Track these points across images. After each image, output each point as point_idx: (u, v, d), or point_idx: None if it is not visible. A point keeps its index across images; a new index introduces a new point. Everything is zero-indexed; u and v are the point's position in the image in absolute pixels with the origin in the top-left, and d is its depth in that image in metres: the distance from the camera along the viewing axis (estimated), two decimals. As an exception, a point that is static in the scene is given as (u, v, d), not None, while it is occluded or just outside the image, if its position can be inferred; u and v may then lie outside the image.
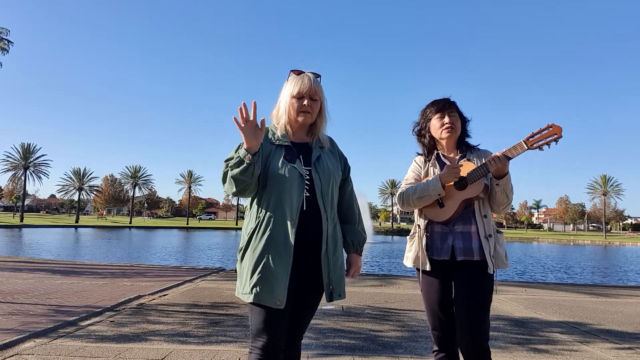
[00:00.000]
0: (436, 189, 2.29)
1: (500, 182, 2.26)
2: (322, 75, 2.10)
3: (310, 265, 1.97)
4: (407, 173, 2.58)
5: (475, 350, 2.21)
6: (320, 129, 2.11)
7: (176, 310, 5.49)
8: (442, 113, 2.42)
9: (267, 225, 1.92)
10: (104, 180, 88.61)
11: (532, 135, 2.23)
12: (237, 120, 1.83)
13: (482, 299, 2.25)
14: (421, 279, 2.45)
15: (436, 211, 2.39)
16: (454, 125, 2.41)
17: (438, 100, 2.48)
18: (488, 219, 2.34)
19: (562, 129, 2.19)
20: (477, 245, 2.30)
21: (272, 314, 1.87)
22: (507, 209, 2.38)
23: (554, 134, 2.20)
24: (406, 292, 7.71)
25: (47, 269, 10.01)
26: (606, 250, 41.37)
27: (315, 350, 3.89)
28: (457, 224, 2.34)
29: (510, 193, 2.32)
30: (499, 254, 2.33)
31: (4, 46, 39.09)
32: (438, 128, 2.44)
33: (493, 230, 2.34)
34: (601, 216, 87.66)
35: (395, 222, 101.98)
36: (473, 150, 2.49)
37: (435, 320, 2.39)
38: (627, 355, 4.09)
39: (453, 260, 2.32)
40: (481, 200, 2.35)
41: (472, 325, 2.22)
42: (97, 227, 58.56)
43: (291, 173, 1.94)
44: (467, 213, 2.34)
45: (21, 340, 3.86)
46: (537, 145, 2.22)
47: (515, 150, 2.25)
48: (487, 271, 2.26)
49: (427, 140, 2.52)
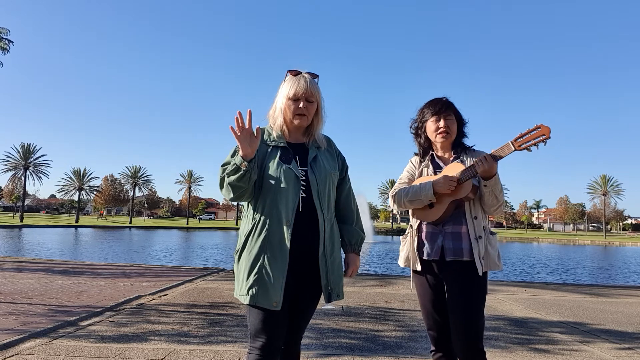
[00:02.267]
0: (427, 195, 2.29)
1: (488, 184, 2.24)
2: (320, 75, 2.09)
3: (308, 266, 1.97)
4: (402, 173, 2.59)
5: (470, 351, 2.20)
6: (316, 130, 2.10)
7: (176, 310, 5.49)
8: (438, 116, 2.41)
9: (262, 226, 1.92)
10: (104, 180, 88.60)
11: (520, 135, 2.19)
12: (233, 129, 1.84)
13: (473, 300, 2.24)
14: (413, 279, 2.47)
15: (426, 212, 2.38)
16: (449, 129, 2.40)
17: (435, 101, 2.46)
18: (479, 220, 2.32)
19: (551, 129, 2.14)
20: (467, 245, 2.28)
21: (269, 315, 1.87)
22: (499, 210, 2.35)
23: (542, 135, 2.16)
24: (406, 292, 7.70)
25: (47, 269, 10.01)
26: (606, 251, 41.36)
27: (315, 350, 3.89)
28: (447, 225, 2.33)
29: (500, 195, 2.29)
30: (491, 255, 2.30)
31: (5, 46, 39.08)
32: (433, 131, 2.43)
33: (484, 232, 2.32)
34: (601, 216, 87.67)
35: (395, 222, 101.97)
36: (468, 151, 2.47)
37: (430, 320, 2.40)
38: (627, 355, 4.09)
39: (442, 260, 2.31)
40: (472, 201, 2.33)
41: (463, 326, 2.21)
42: (97, 227, 58.56)
43: (287, 174, 1.94)
44: (458, 214, 2.33)
45: (21, 340, 3.86)
46: (524, 146, 2.18)
47: (503, 151, 2.22)
48: (477, 273, 2.25)
49: (422, 141, 2.51)
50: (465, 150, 2.48)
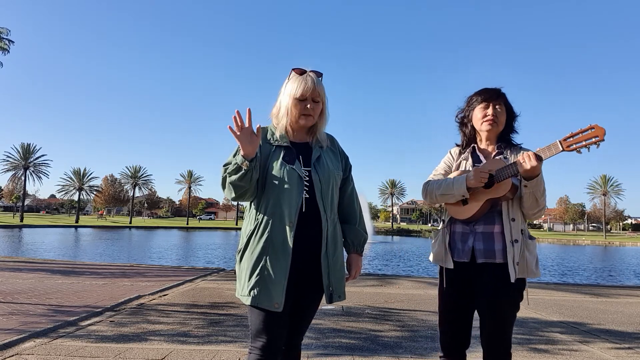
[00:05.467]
0: (460, 190, 2.14)
1: (528, 184, 2.05)
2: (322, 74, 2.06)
3: (310, 267, 1.96)
4: (439, 164, 2.44)
5: (496, 358, 2.14)
6: (320, 129, 2.08)
7: (176, 310, 5.49)
8: (487, 103, 2.24)
9: (265, 227, 1.91)
10: (104, 180, 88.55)
11: (570, 135, 1.98)
12: (232, 129, 1.83)
13: (505, 308, 2.11)
14: (441, 277, 2.29)
15: (458, 208, 2.23)
16: (496, 118, 2.23)
17: (487, 89, 2.29)
18: (516, 223, 2.15)
19: (606, 131, 1.93)
20: (500, 247, 2.12)
21: (271, 316, 1.87)
22: (539, 214, 2.15)
23: (596, 136, 1.94)
24: (406, 292, 7.71)
25: (47, 269, 10.00)
26: (606, 251, 41.37)
27: (315, 350, 3.89)
28: (478, 224, 2.18)
29: (542, 197, 2.10)
30: (528, 261, 2.13)
31: (5, 46, 39.11)
32: (480, 119, 2.26)
33: (521, 236, 2.14)
34: (601, 216, 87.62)
35: (395, 222, 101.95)
36: (513, 148, 2.28)
37: (446, 324, 2.27)
38: (627, 355, 4.09)
39: (473, 262, 2.16)
40: (510, 201, 2.16)
41: (493, 337, 2.11)
42: (97, 227, 58.56)
43: (290, 174, 1.93)
44: (491, 213, 2.17)
45: (21, 340, 3.86)
46: (575, 146, 1.96)
47: (550, 151, 2.03)
48: (509, 278, 2.09)
49: (468, 130, 2.35)
50: (511, 146, 2.30)
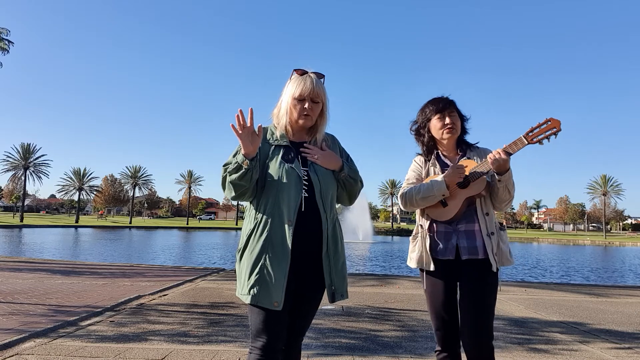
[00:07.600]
0: (441, 190, 2.28)
1: (502, 178, 2.25)
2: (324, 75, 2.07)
3: (311, 266, 1.97)
4: (408, 173, 2.57)
5: (481, 349, 2.22)
6: (320, 130, 2.10)
7: (176, 310, 5.49)
8: (442, 113, 2.41)
9: (264, 226, 1.92)
10: (104, 180, 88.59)
11: (531, 129, 2.25)
12: (234, 127, 1.84)
13: (488, 298, 2.26)
14: (425, 279, 2.42)
15: (439, 210, 2.37)
16: (454, 125, 2.40)
17: (437, 99, 2.46)
18: (490, 217, 2.34)
19: (561, 122, 2.22)
20: (480, 243, 2.29)
21: (271, 315, 1.87)
22: (508, 205, 2.38)
23: (553, 128, 2.23)
24: (406, 292, 7.71)
25: (47, 269, 10.01)
26: (606, 251, 41.36)
27: (315, 350, 3.90)
28: (460, 223, 2.33)
29: (512, 189, 2.32)
30: (503, 251, 2.32)
31: (5, 46, 39.10)
32: (439, 129, 2.42)
33: (495, 228, 2.33)
34: (601, 216, 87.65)
35: (395, 222, 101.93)
36: (472, 148, 2.49)
37: (439, 320, 2.38)
38: (627, 355, 4.09)
39: (458, 259, 2.31)
40: (483, 197, 2.35)
41: (477, 325, 2.23)
42: (97, 227, 58.55)
43: (289, 174, 1.94)
44: (469, 211, 2.34)
45: (21, 340, 3.86)
46: (537, 139, 2.24)
47: (516, 146, 2.26)
48: (491, 269, 2.26)
49: (426, 140, 2.50)
50: (470, 147, 2.49)
